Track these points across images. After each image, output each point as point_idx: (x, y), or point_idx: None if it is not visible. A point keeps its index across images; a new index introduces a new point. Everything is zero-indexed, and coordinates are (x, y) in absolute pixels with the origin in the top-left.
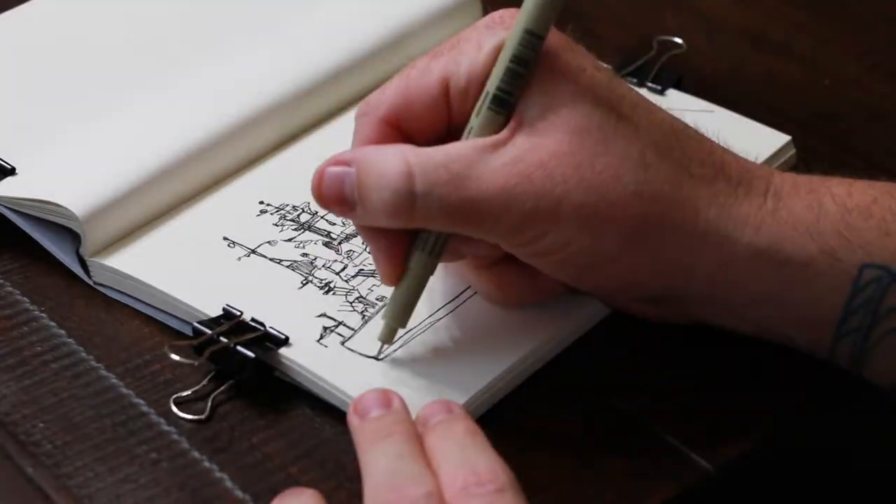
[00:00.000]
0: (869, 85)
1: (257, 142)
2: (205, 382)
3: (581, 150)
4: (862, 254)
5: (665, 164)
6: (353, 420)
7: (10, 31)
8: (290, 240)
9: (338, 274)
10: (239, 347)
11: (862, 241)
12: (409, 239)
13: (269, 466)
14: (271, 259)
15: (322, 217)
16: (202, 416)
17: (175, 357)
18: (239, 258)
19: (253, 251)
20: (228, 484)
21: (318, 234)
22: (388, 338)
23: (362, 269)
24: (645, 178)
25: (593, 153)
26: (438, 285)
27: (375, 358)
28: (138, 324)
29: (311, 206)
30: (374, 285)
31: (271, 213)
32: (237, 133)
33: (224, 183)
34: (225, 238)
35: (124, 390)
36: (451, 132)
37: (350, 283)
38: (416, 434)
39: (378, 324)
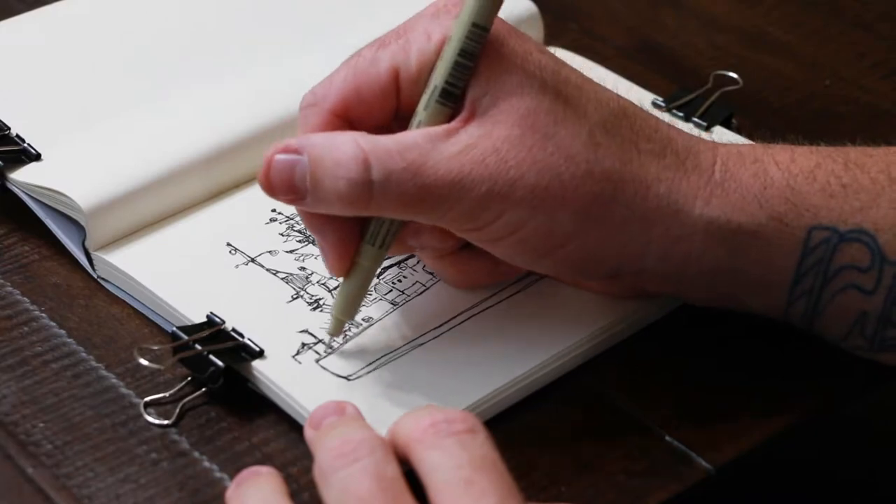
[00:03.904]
0: (869, 85)
1: None
2: (179, 388)
3: (532, 133)
4: (809, 217)
5: (614, 142)
6: (308, 432)
7: (59, 21)
8: (291, 251)
9: (330, 291)
10: (211, 356)
11: (808, 205)
12: (357, 229)
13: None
14: (268, 269)
15: None
16: (169, 421)
17: (143, 361)
18: (237, 266)
19: (252, 260)
20: (228, 484)
21: None
22: (336, 330)
23: None
24: (595, 157)
25: (544, 135)
26: (416, 314)
27: (346, 379)
28: (138, 324)
29: None
30: (362, 306)
31: (280, 223)
32: (258, 140)
33: (240, 188)
34: (228, 244)
35: (124, 390)
36: (397, 120)
37: None
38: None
39: (357, 345)
